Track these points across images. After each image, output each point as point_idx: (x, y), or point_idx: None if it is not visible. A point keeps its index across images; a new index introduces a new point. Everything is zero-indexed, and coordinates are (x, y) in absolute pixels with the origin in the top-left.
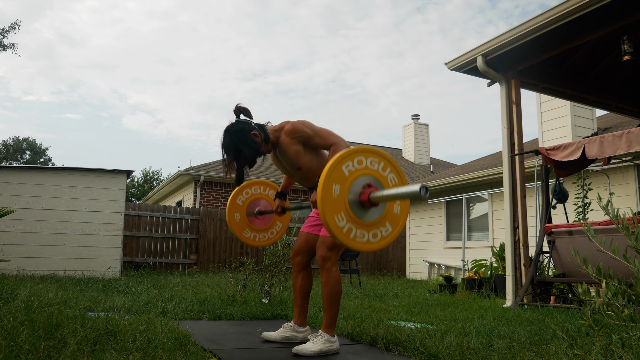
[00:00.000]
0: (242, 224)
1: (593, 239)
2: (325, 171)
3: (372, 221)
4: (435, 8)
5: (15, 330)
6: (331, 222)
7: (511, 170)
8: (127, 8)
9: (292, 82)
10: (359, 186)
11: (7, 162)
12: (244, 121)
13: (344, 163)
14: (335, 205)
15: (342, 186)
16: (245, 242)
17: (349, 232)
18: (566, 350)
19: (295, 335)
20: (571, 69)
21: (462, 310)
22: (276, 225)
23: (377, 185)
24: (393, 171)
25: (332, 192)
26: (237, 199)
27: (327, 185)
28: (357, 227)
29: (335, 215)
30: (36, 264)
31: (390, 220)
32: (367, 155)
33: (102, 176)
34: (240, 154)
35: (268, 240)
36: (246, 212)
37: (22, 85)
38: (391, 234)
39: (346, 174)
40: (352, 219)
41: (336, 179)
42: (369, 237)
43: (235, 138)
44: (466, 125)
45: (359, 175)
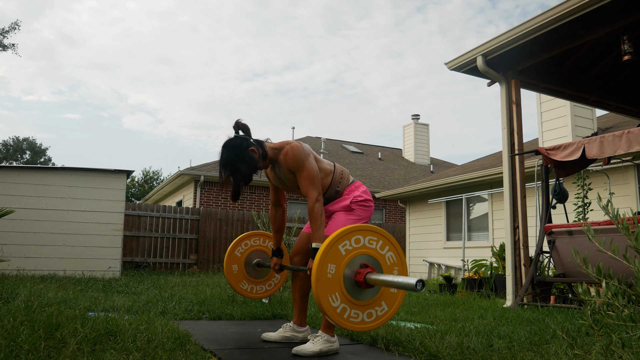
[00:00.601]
0: (239, 276)
1: (593, 239)
2: (321, 250)
3: (368, 301)
4: (435, 8)
5: (15, 330)
6: (325, 303)
7: (511, 170)
8: (127, 8)
9: (292, 82)
10: (355, 265)
11: (7, 162)
12: (242, 137)
13: (341, 242)
14: (330, 285)
15: (338, 266)
16: (242, 294)
17: (343, 312)
18: (566, 350)
19: (295, 335)
20: (571, 69)
21: (462, 310)
22: (274, 277)
23: (375, 264)
24: (392, 249)
25: (327, 272)
26: (235, 250)
27: (323, 265)
28: (352, 307)
29: (329, 296)
30: (36, 264)
31: (387, 299)
32: (366, 234)
33: (102, 176)
34: (237, 170)
35: (265, 292)
36: (244, 262)
37: (22, 85)
38: (387, 313)
39: (343, 252)
40: (346, 299)
41: (332, 258)
42: (363, 317)
43: (233, 154)
44: (466, 125)
45: (356, 255)
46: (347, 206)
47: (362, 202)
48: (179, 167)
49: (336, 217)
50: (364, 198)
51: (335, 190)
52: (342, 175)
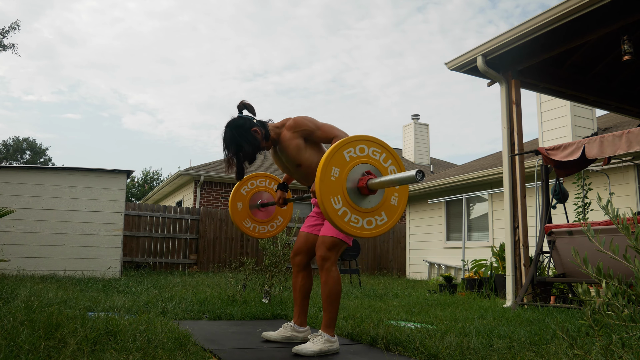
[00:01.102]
0: (243, 214)
1: (593, 239)
2: (327, 153)
3: (368, 209)
4: (435, 8)
5: (15, 330)
6: (327, 203)
7: (511, 170)
8: (127, 8)
9: (293, 82)
10: (358, 173)
11: (7, 162)
12: (246, 117)
13: (346, 149)
14: (333, 188)
15: (342, 170)
16: (245, 231)
17: (344, 215)
18: (566, 350)
19: (295, 335)
20: (571, 69)
21: (462, 310)
22: (277, 219)
23: (377, 174)
24: (394, 163)
25: (331, 175)
26: (241, 188)
27: (327, 167)
28: (353, 212)
29: (332, 197)
30: (36, 264)
31: (387, 210)
32: (370, 144)
33: (102, 176)
34: (240, 150)
35: (268, 232)
36: (249, 203)
37: (22, 85)
38: (386, 223)
39: (347, 159)
40: (348, 203)
41: (336, 162)
42: (363, 223)
43: (236, 133)
44: (466, 125)
45: (359, 162)
46: None
47: None
48: (179, 167)
49: None
50: None
51: None
52: None
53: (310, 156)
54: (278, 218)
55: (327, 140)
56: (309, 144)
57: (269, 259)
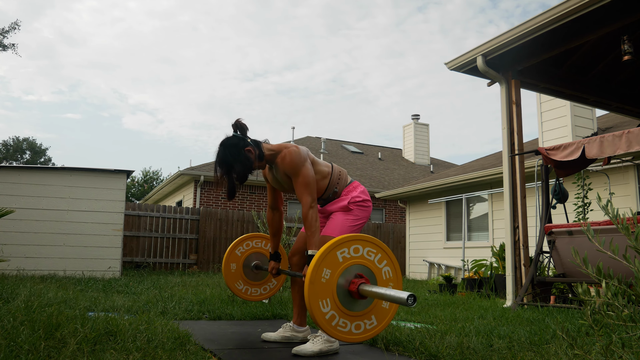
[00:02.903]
0: (237, 276)
1: (593, 239)
2: (320, 254)
3: (358, 312)
4: (436, 8)
5: (15, 330)
6: (315, 307)
7: (511, 170)
8: (127, 8)
9: (293, 81)
10: (350, 274)
11: (7, 162)
12: (240, 136)
13: (339, 249)
14: (323, 290)
15: (333, 272)
16: (237, 294)
17: (332, 319)
18: (566, 350)
19: (295, 335)
20: (571, 69)
21: (462, 310)
22: (270, 282)
23: (370, 276)
24: (389, 264)
25: (322, 277)
26: (236, 249)
27: (318, 268)
28: (341, 315)
29: (320, 300)
30: (36, 264)
31: (377, 314)
32: (365, 244)
33: (102, 176)
34: (232, 169)
35: (260, 295)
36: (243, 263)
37: (22, 85)
38: (375, 328)
39: (340, 259)
40: (337, 306)
41: (328, 263)
42: (351, 327)
43: (229, 153)
44: (466, 125)
45: (352, 264)
46: (345, 206)
47: (360, 202)
48: (178, 167)
49: (334, 217)
50: (362, 198)
51: (334, 191)
52: (340, 175)
53: None
54: (272, 281)
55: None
56: None
57: None
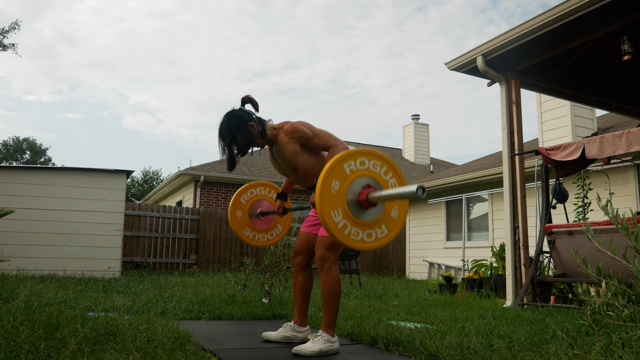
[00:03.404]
0: (243, 222)
1: (592, 239)
2: (327, 167)
3: (369, 221)
4: (436, 8)
5: (15, 330)
6: (327, 217)
7: (511, 170)
8: (127, 8)
9: (293, 81)
10: (358, 186)
11: (7, 162)
12: (246, 110)
13: (346, 162)
14: (333, 201)
15: (342, 183)
16: (245, 240)
17: (344, 228)
18: (566, 350)
19: (295, 335)
20: (571, 69)
21: (462, 310)
22: (277, 227)
23: (377, 187)
24: (395, 176)
25: (332, 188)
26: (241, 197)
27: (327, 180)
28: (353, 224)
29: (332, 210)
30: (36, 264)
31: (387, 223)
32: (370, 157)
33: (102, 176)
34: (234, 140)
35: (267, 241)
36: (248, 211)
37: (22, 85)
38: (386, 236)
39: (347, 172)
40: (348, 216)
41: (337, 175)
42: (363, 236)
43: (233, 124)
44: (466, 125)
45: (359, 176)
46: None
47: None
48: (178, 167)
49: None
50: None
51: None
52: None
53: (306, 160)
54: (277, 226)
55: (324, 148)
56: (305, 148)
57: (269, 259)
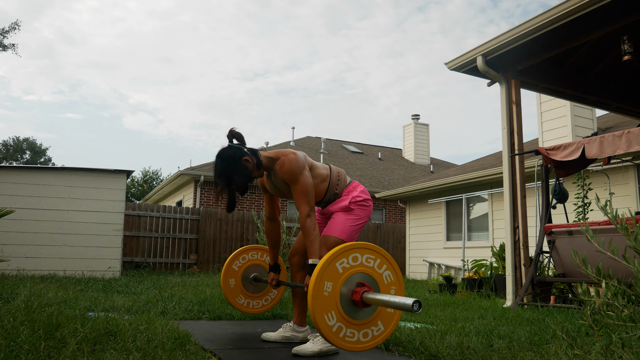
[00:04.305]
0: (236, 290)
1: (592, 240)
2: (319, 268)
3: (364, 320)
4: (436, 7)
5: (15, 330)
6: (321, 321)
7: (511, 170)
8: (127, 7)
9: (293, 81)
10: (352, 283)
11: (7, 162)
12: (236, 146)
13: (338, 260)
14: (326, 304)
15: (335, 284)
16: (239, 308)
17: (339, 331)
18: (566, 350)
19: (295, 335)
20: (571, 69)
21: (462, 310)
22: (271, 292)
23: (372, 282)
24: (389, 268)
25: (324, 290)
26: (233, 264)
27: (319, 282)
28: (348, 326)
29: (325, 314)
30: (36, 264)
31: (383, 319)
32: (363, 252)
33: (102, 176)
34: (232, 181)
35: (262, 307)
36: (241, 277)
37: (22, 85)
38: (383, 333)
39: (340, 270)
40: (342, 317)
41: (329, 276)
42: (359, 336)
43: (227, 164)
44: (466, 125)
45: (353, 273)
46: (346, 206)
47: (361, 202)
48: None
49: (336, 217)
50: (363, 198)
51: (334, 193)
52: (339, 177)
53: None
54: (272, 291)
55: (295, 204)
56: None
57: None
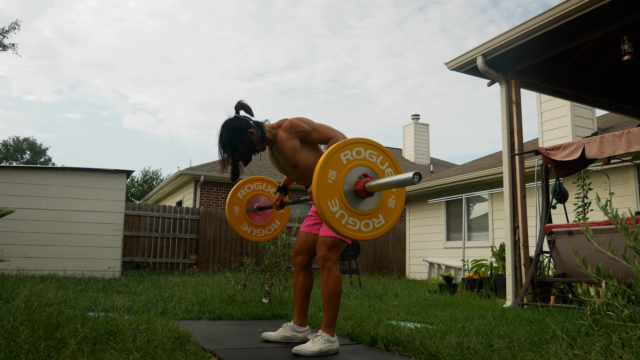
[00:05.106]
0: (240, 218)
1: (592, 240)
2: (324, 157)
3: (366, 211)
4: (437, 7)
5: (15, 330)
6: (324, 206)
7: (511, 170)
8: (128, 7)
9: (293, 81)
10: (355, 175)
11: (7, 162)
12: (242, 118)
13: (342, 151)
14: (330, 190)
15: (339, 173)
16: (242, 235)
17: (341, 218)
18: (566, 350)
19: (295, 335)
20: (571, 69)
21: (462, 310)
22: (274, 222)
23: (374, 176)
24: (391, 165)
25: (328, 178)
26: (238, 192)
27: (324, 170)
28: (350, 214)
29: (329, 200)
30: (36, 264)
31: (384, 212)
32: (367, 147)
33: (102, 176)
34: (236, 151)
35: (265, 236)
36: (246, 207)
37: (22, 85)
38: (383, 226)
39: (344, 161)
40: (345, 205)
41: (333, 165)
42: (360, 225)
43: (232, 134)
44: (467, 125)
45: (356, 165)
46: None
47: None
48: (178, 167)
49: None
50: None
51: None
52: None
53: (306, 157)
54: (275, 221)
55: (324, 141)
56: (305, 145)
57: (269, 259)
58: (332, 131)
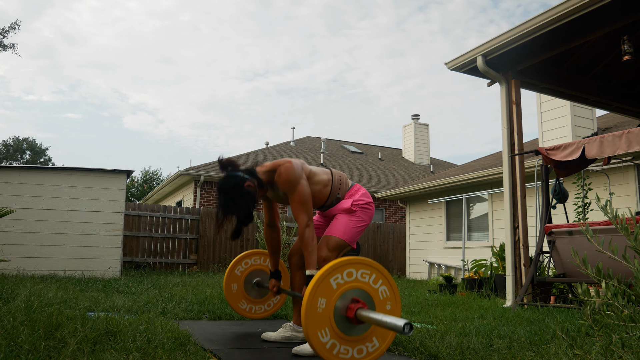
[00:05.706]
0: (238, 295)
1: (592, 240)
2: (312, 284)
3: (359, 336)
4: (437, 7)
5: (15, 330)
6: (314, 339)
7: (511, 170)
8: (128, 7)
9: (293, 81)
10: (347, 299)
11: (7, 162)
12: (234, 174)
13: (332, 276)
14: (320, 320)
15: (329, 300)
16: (241, 314)
17: (332, 348)
18: (566, 350)
19: (295, 335)
20: (571, 69)
21: (462, 310)
22: (274, 297)
23: (367, 298)
24: (385, 283)
25: (318, 307)
26: (235, 269)
27: (313, 299)
28: (342, 343)
29: (318, 331)
30: (36, 264)
31: (378, 335)
32: (359, 267)
33: (102, 176)
34: (240, 211)
35: (264, 312)
36: (244, 283)
37: (22, 85)
38: (378, 349)
39: (334, 287)
40: (336, 334)
41: (323, 292)
42: (353, 353)
43: (232, 197)
44: (467, 125)
45: (348, 288)
46: (348, 209)
47: (364, 205)
48: (178, 167)
49: (338, 217)
50: (365, 201)
51: (336, 197)
52: (341, 181)
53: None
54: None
55: (293, 214)
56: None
57: None
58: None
